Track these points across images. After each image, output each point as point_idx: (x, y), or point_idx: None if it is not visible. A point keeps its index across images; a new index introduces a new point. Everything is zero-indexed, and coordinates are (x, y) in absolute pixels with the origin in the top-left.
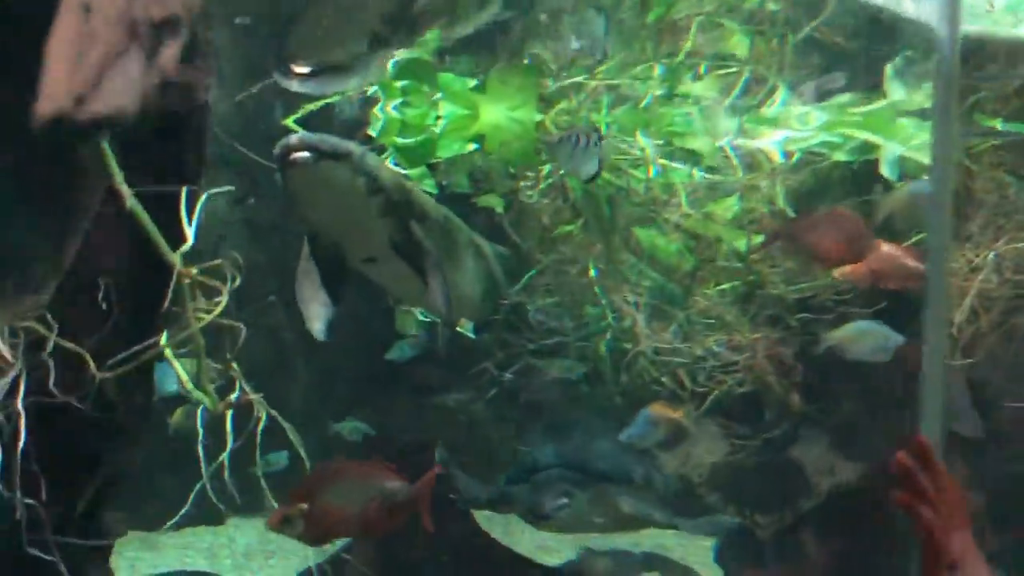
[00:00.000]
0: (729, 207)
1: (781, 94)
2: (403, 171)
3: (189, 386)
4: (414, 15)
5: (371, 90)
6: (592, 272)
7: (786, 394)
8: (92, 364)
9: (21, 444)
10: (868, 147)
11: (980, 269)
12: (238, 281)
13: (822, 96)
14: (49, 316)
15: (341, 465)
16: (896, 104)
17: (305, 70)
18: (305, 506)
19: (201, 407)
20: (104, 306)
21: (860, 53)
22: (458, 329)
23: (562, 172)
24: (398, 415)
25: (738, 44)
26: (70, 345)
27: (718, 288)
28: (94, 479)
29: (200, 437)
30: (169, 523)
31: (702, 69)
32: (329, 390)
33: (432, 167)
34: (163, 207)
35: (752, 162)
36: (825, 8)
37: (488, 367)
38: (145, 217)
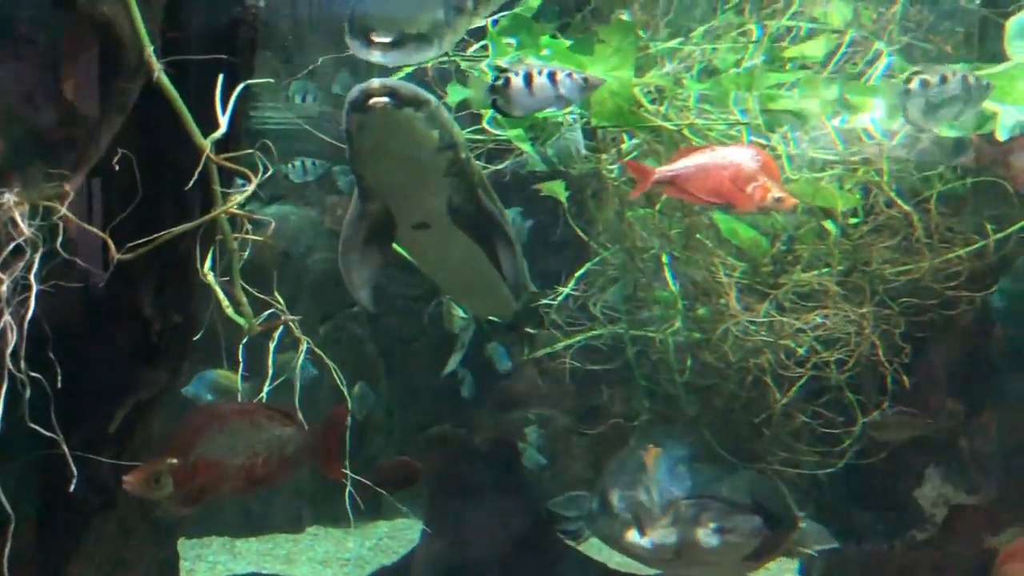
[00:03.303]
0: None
1: (884, 60)
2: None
3: (229, 310)
4: None
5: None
6: (665, 258)
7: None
8: (112, 247)
9: (30, 315)
10: (979, 120)
11: None
12: (270, 172)
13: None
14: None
15: (219, 410)
16: (1021, 66)
17: (386, 40)
18: (175, 461)
19: None
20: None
21: (975, 11)
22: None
23: None
24: (483, 425)
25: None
26: (92, 229)
27: (816, 271)
28: (125, 400)
29: None
30: None
31: (803, 30)
32: (411, 400)
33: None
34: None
35: (850, 139)
36: None
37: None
38: (173, 92)
